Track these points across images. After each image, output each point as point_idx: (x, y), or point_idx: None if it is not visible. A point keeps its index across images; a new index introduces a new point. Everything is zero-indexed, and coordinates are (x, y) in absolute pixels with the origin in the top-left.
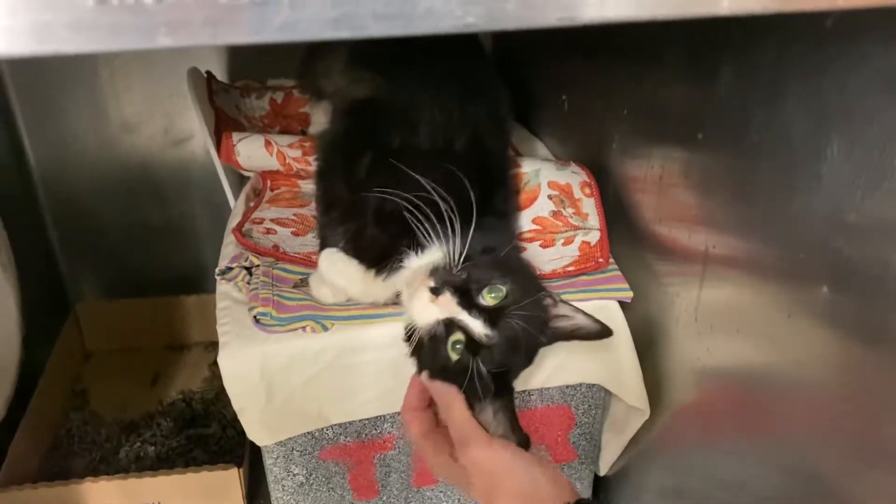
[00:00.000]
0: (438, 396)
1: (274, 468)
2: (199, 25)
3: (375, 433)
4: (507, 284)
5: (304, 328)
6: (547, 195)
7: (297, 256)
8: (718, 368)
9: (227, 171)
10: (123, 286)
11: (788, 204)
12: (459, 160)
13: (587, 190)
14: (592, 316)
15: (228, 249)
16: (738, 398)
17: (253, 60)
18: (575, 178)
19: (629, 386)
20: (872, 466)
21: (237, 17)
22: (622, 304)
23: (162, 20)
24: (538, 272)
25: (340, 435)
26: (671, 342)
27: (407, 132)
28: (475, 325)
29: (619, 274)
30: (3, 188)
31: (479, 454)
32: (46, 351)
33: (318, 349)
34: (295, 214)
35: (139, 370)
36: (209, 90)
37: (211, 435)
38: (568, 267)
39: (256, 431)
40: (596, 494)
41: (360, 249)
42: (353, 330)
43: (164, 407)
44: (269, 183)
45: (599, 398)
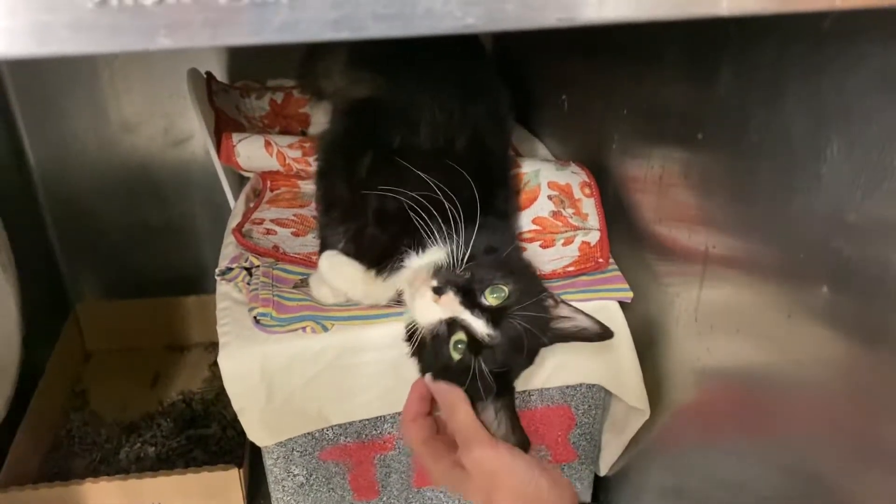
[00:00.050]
0: (442, 397)
1: (274, 469)
2: (198, 26)
3: (376, 434)
4: (509, 285)
5: (304, 329)
6: (547, 195)
7: (297, 257)
8: (718, 368)
9: (226, 171)
10: (123, 286)
11: (788, 204)
12: (460, 160)
13: (587, 190)
14: (593, 317)
15: (228, 250)
16: (738, 398)
17: (253, 61)
18: (575, 178)
19: (629, 386)
20: (872, 466)
21: (236, 18)
22: (622, 304)
23: (161, 21)
24: (538, 272)
25: (341, 435)
26: (671, 342)
27: (407, 132)
28: (478, 324)
29: (619, 274)
30: (3, 188)
31: (482, 454)
32: (46, 351)
33: (318, 349)
34: (295, 215)
35: (139, 370)
36: (209, 90)
37: (211, 435)
38: (568, 267)
39: (256, 432)
40: (596, 495)
41: (360, 249)
42: (353, 330)
43: (164, 407)
44: (268, 183)
45: (599, 398)
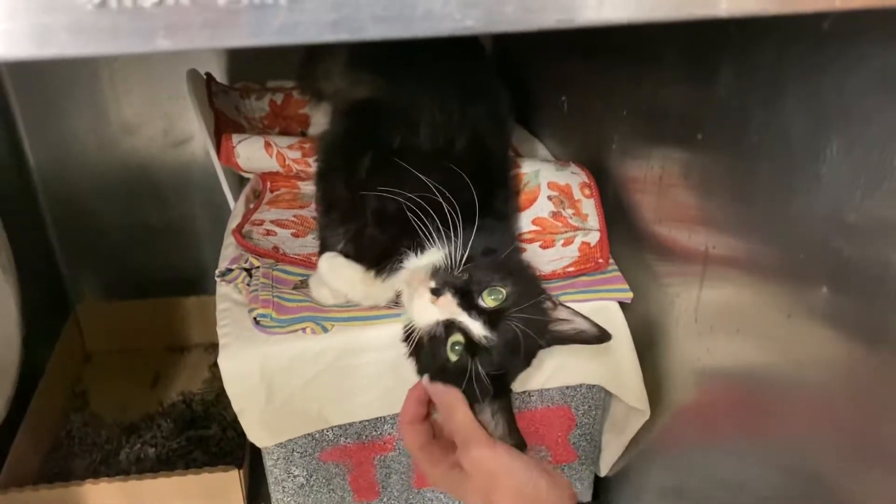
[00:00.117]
0: (440, 398)
1: (274, 470)
2: (197, 28)
3: (376, 434)
4: (507, 287)
5: (304, 329)
6: (546, 196)
7: (297, 258)
8: (718, 369)
9: (226, 172)
10: (123, 287)
11: (788, 204)
12: (459, 161)
13: (587, 191)
14: (592, 320)
15: (228, 251)
16: (738, 398)
17: (252, 62)
18: (574, 178)
19: (629, 386)
20: (872, 466)
21: (236, 19)
22: (622, 304)
23: (161, 23)
24: (538, 273)
25: (341, 436)
26: (671, 343)
27: (407, 133)
28: (475, 326)
29: (619, 275)
30: (3, 189)
31: (480, 454)
32: (46, 352)
33: (318, 350)
34: (295, 216)
35: (139, 371)
36: (209, 92)
37: (211, 436)
38: (568, 268)
39: (257, 433)
40: (596, 495)
41: (360, 250)
42: (353, 331)
43: (164, 408)
44: (268, 184)
45: (599, 399)
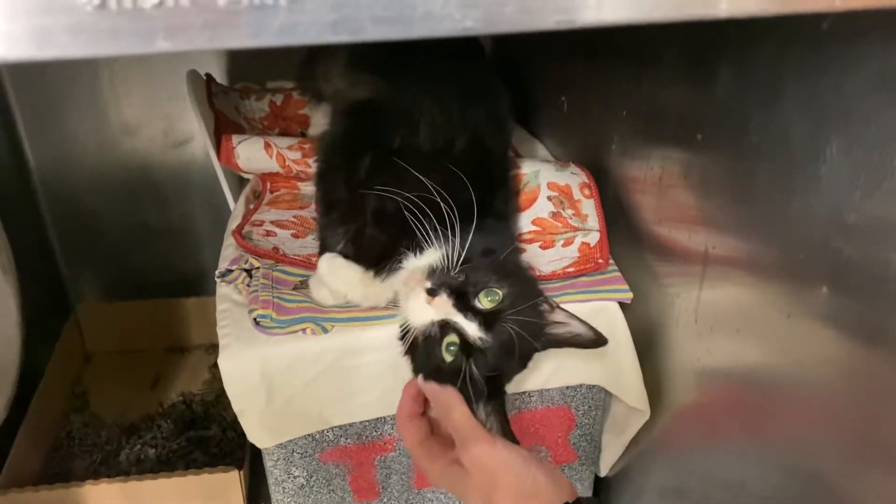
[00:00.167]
0: (436, 398)
1: (274, 470)
2: (197, 29)
3: (376, 435)
4: (503, 288)
5: (304, 330)
6: (546, 196)
7: (297, 258)
8: (718, 369)
9: (226, 173)
10: (123, 288)
11: (788, 204)
12: (459, 161)
13: (587, 191)
14: (588, 324)
15: (228, 251)
16: (738, 399)
17: (252, 63)
18: (574, 179)
19: (629, 387)
20: (872, 466)
21: (235, 21)
22: (622, 305)
23: (160, 24)
24: (538, 273)
25: (341, 437)
26: (671, 343)
27: (407, 133)
28: (470, 327)
29: (618, 275)
30: (3, 189)
31: (480, 451)
32: (47, 353)
33: (318, 351)
34: (295, 216)
35: (139, 372)
36: (208, 92)
37: (211, 437)
38: (568, 268)
39: (257, 433)
40: (596, 495)
41: (359, 250)
42: (353, 332)
43: (164, 409)
44: (268, 185)
45: (600, 399)
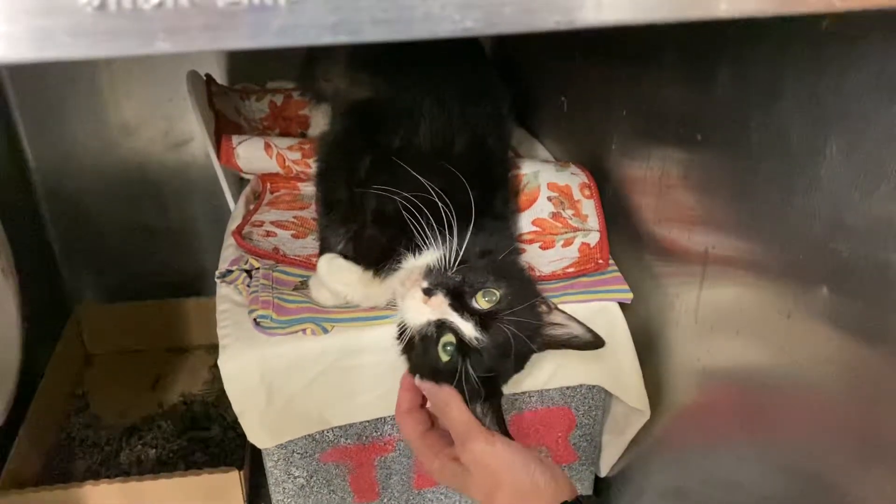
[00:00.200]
0: (434, 397)
1: (274, 471)
2: (197, 30)
3: (376, 435)
4: (501, 289)
5: (304, 331)
6: (546, 197)
7: (297, 259)
8: (718, 369)
9: (226, 173)
10: (124, 289)
11: (787, 205)
12: (459, 162)
13: (586, 191)
14: (586, 325)
15: (228, 252)
16: (738, 399)
17: (252, 63)
18: (574, 179)
19: (629, 387)
20: (873, 466)
21: (235, 22)
22: (622, 305)
23: (160, 25)
24: (538, 274)
25: (341, 437)
26: (671, 343)
27: (407, 133)
28: (466, 327)
29: (618, 275)
30: (3, 191)
31: (480, 449)
32: (47, 354)
33: (318, 351)
34: (295, 217)
35: (140, 373)
36: (208, 93)
37: (211, 437)
38: (568, 268)
39: (257, 434)
40: (597, 495)
41: (359, 251)
42: (353, 332)
43: (164, 410)
44: (268, 185)
45: (600, 399)
